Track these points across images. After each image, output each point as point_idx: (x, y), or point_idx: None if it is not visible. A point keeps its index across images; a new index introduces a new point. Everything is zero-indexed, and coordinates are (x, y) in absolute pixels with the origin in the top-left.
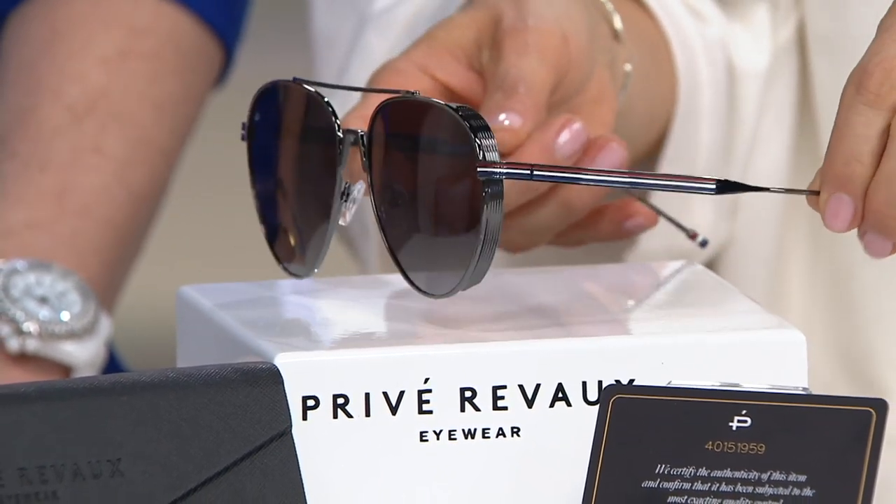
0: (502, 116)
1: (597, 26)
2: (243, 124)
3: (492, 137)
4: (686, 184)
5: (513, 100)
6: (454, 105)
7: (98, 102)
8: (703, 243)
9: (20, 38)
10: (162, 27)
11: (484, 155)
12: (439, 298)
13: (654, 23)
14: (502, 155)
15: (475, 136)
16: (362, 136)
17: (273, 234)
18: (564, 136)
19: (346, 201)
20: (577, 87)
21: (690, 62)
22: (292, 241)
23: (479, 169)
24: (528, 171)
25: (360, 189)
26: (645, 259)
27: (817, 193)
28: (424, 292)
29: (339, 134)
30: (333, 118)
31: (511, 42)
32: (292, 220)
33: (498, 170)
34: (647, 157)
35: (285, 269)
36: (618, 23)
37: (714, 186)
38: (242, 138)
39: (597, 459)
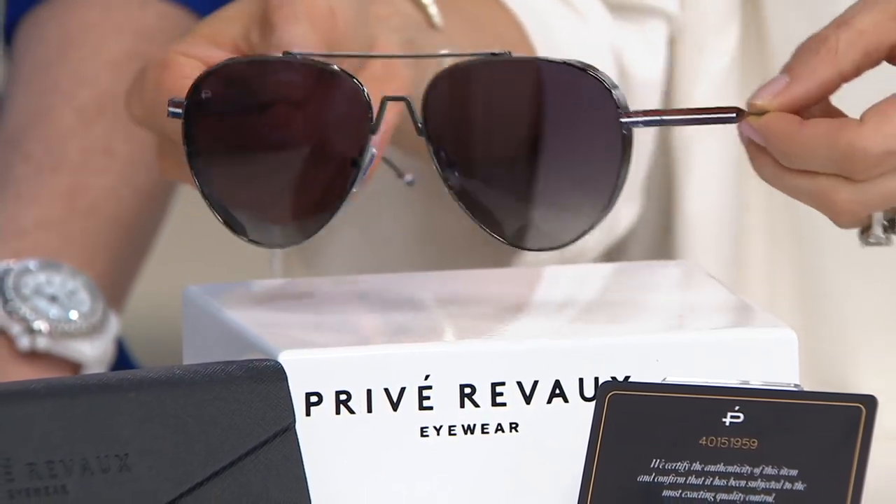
0: None
1: (370, 6)
2: (176, 101)
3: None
4: (710, 116)
5: None
6: (578, 63)
7: (108, 105)
8: (410, 182)
9: (33, 41)
10: (168, 30)
11: (625, 108)
12: (557, 249)
13: (510, 17)
14: None
15: (612, 91)
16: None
17: (243, 209)
18: None
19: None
20: (350, 61)
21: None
22: (279, 213)
23: (622, 120)
24: (658, 118)
25: (371, 156)
26: (539, 262)
27: None
28: (530, 248)
29: (368, 99)
30: (360, 85)
31: (280, 13)
32: (279, 191)
33: (641, 118)
34: None
35: (253, 241)
36: (433, 11)
37: (734, 115)
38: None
39: (593, 454)
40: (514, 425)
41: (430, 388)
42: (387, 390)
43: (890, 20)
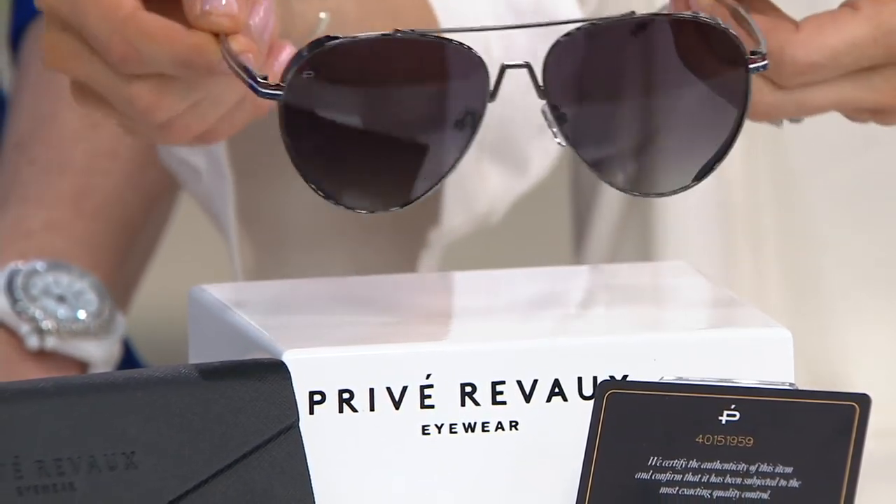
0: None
1: None
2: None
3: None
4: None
5: None
6: (705, 17)
7: None
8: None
9: (39, 48)
10: None
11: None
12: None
13: None
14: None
15: (739, 45)
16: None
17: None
18: (256, 17)
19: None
20: None
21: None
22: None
23: (751, 66)
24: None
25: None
26: (450, 232)
27: None
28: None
29: (486, 67)
30: (478, 56)
31: None
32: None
33: (762, 63)
34: None
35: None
36: None
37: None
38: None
39: (592, 452)
40: (514, 423)
41: (431, 386)
42: (389, 389)
43: None
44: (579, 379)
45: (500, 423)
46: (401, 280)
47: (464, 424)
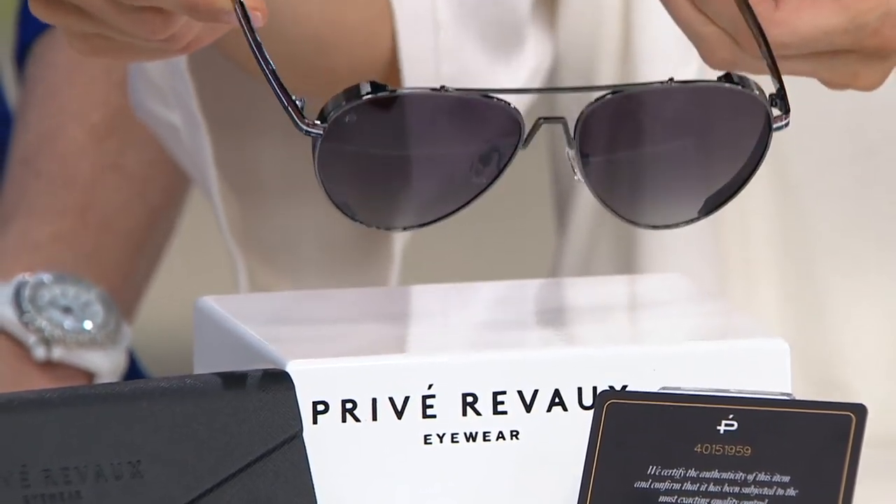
0: None
1: None
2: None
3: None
4: None
5: None
6: (734, 78)
7: (118, 123)
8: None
9: (44, 65)
10: None
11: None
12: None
13: None
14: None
15: (765, 105)
16: (573, 121)
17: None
18: None
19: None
20: None
21: None
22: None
23: (775, 126)
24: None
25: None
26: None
27: None
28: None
29: (522, 120)
30: (515, 110)
31: None
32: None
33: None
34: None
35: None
36: None
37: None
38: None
39: (592, 461)
40: (514, 433)
41: (433, 396)
42: (391, 399)
43: None
44: (579, 389)
45: (501, 432)
46: (402, 291)
47: (465, 434)
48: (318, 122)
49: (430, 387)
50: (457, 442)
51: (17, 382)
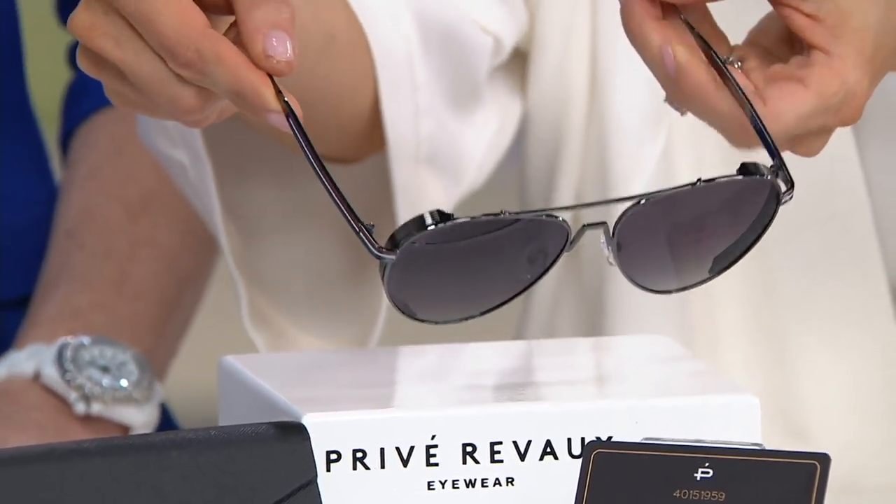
0: (276, 42)
1: None
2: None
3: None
4: None
5: (284, 17)
6: (750, 167)
7: (152, 202)
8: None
9: (87, 146)
10: None
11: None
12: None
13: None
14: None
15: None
16: (614, 226)
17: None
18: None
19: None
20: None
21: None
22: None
23: (784, 200)
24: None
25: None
26: None
27: None
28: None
29: (569, 230)
30: (565, 223)
31: None
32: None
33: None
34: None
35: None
36: None
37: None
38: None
39: None
40: (510, 480)
41: (436, 447)
42: (398, 449)
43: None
44: (569, 440)
45: (497, 479)
46: (407, 351)
47: (465, 480)
48: (390, 248)
49: (433, 438)
50: (457, 488)
51: (59, 434)
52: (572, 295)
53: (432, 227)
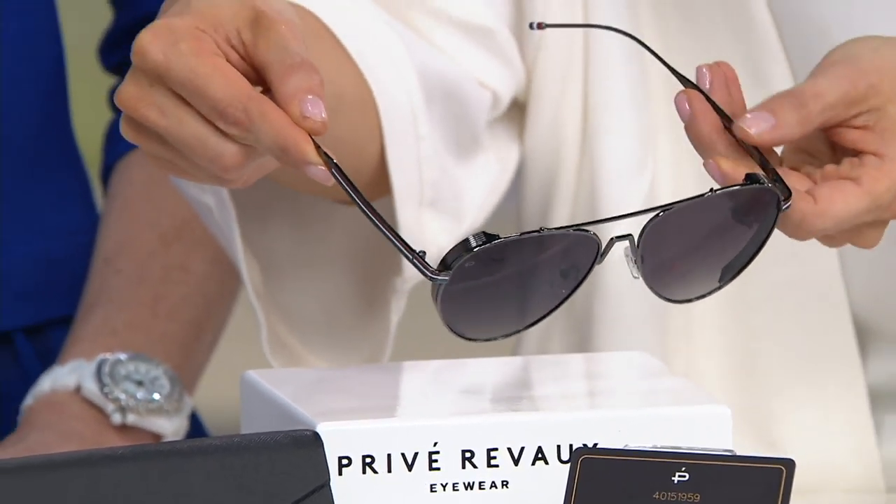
0: (311, 107)
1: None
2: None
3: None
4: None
5: (314, 83)
6: (753, 177)
7: (183, 232)
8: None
9: (124, 181)
10: None
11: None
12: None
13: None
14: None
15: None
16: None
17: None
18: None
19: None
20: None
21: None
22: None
23: (784, 206)
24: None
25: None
26: (411, 278)
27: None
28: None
29: (600, 243)
30: (595, 236)
31: (287, 29)
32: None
33: (787, 205)
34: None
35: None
36: None
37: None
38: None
39: None
40: (505, 483)
41: (437, 453)
42: (403, 455)
43: (846, 105)
44: (558, 446)
45: (493, 482)
46: (411, 366)
47: (464, 483)
48: (442, 270)
49: (435, 445)
50: (457, 490)
51: (97, 441)
52: (563, 316)
53: (479, 247)
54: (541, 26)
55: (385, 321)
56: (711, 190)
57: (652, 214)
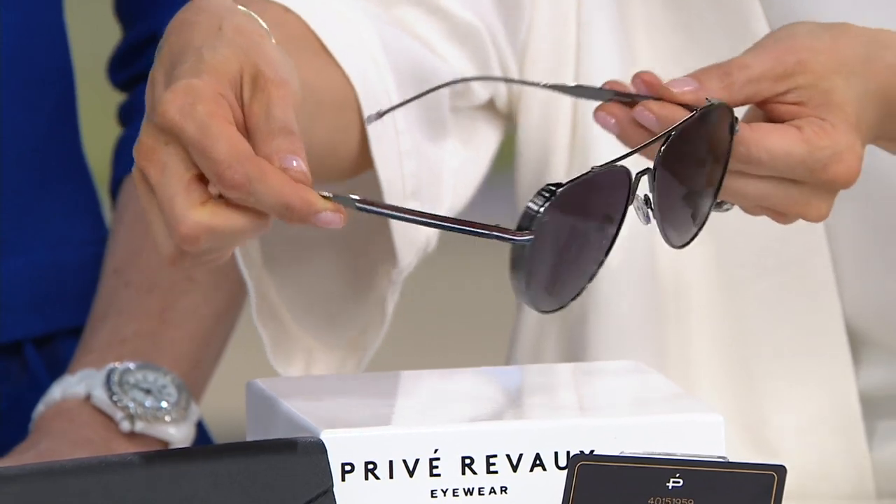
0: (294, 162)
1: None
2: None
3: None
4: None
5: (295, 145)
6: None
7: None
8: None
9: (132, 196)
10: None
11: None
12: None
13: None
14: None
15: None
16: (653, 169)
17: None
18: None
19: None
20: None
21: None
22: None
23: (736, 130)
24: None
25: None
26: (406, 268)
27: None
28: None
29: (630, 173)
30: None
31: (276, 93)
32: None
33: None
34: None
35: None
36: None
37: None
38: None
39: None
40: (504, 489)
41: (438, 459)
42: (405, 461)
43: (773, 80)
44: (555, 453)
45: (492, 488)
46: (412, 374)
47: (464, 489)
48: (524, 231)
49: (435, 451)
50: (457, 496)
51: (107, 448)
52: (558, 324)
53: (550, 198)
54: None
55: (380, 306)
56: (692, 111)
57: (660, 143)
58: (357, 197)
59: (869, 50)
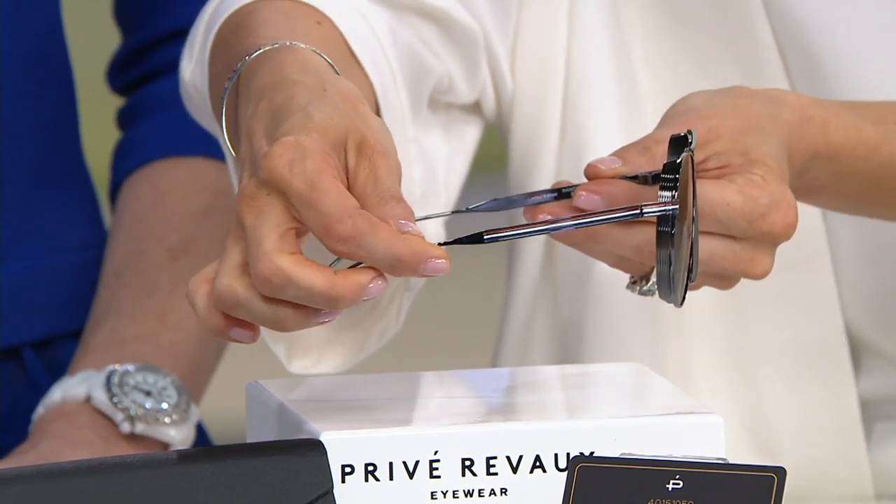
0: (410, 227)
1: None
2: None
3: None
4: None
5: (408, 212)
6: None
7: (190, 247)
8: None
9: (132, 197)
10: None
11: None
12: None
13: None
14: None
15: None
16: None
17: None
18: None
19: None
20: None
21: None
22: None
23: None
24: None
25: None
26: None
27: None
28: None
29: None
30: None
31: (383, 162)
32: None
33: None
34: None
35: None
36: None
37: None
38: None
39: None
40: (504, 490)
41: (438, 461)
42: (405, 463)
43: (643, 153)
44: (555, 455)
45: (492, 489)
46: (413, 376)
47: (464, 491)
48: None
49: (435, 453)
50: (457, 498)
51: (107, 450)
52: (554, 328)
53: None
54: None
55: (396, 312)
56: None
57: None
58: (483, 230)
59: (768, 108)
